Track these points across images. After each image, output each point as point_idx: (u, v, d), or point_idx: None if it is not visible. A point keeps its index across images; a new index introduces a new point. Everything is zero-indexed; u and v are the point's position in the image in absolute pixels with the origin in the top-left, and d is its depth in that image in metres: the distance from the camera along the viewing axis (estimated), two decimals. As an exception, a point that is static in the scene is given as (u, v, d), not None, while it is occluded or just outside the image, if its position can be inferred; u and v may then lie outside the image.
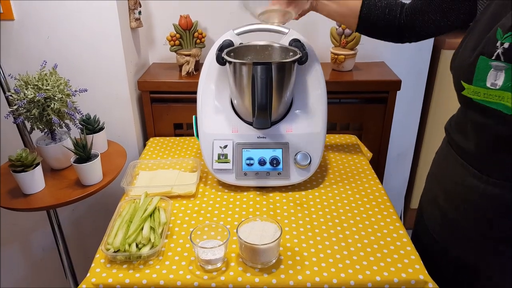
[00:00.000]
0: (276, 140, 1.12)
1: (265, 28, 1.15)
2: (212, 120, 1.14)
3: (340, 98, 1.48)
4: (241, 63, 1.04)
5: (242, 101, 1.10)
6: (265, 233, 0.87)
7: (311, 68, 1.13)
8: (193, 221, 1.01)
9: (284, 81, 1.06)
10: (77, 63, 1.35)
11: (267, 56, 1.16)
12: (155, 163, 1.24)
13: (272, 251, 0.84)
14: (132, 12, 1.39)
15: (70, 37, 1.31)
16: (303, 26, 1.55)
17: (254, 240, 0.84)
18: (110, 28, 1.30)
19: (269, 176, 1.10)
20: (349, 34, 1.46)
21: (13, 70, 1.19)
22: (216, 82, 1.15)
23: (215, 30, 1.56)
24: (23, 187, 1.06)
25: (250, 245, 0.83)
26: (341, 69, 1.51)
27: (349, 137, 1.42)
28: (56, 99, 1.07)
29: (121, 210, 1.00)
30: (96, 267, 0.86)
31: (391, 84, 1.43)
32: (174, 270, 0.85)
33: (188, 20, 1.46)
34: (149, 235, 0.89)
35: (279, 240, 0.85)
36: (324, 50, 1.53)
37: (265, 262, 0.85)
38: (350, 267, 0.85)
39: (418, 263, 0.86)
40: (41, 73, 1.09)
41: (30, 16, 1.28)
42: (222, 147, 1.12)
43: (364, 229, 0.97)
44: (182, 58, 1.48)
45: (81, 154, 1.08)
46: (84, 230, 1.63)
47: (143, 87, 1.44)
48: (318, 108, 1.13)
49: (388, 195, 1.10)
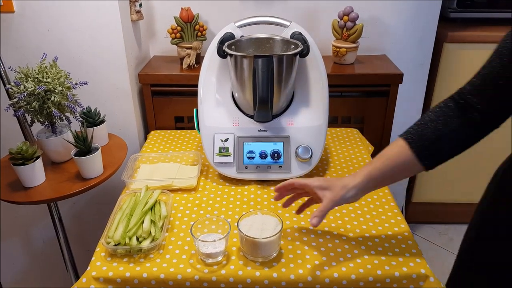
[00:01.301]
0: (277, 133, 1.11)
1: (267, 21, 1.15)
2: (213, 113, 1.14)
3: (341, 91, 1.48)
4: (242, 56, 1.03)
5: (243, 94, 1.09)
6: (266, 226, 0.87)
7: (313, 61, 1.12)
8: (194, 214, 1.00)
9: (285, 74, 1.06)
10: (78, 56, 1.34)
11: (268, 49, 1.15)
12: (156, 156, 1.24)
13: (272, 244, 0.84)
14: (133, 4, 1.38)
15: (70, 30, 1.30)
16: (304, 19, 1.54)
17: (255, 233, 0.84)
18: (111, 20, 1.29)
19: (270, 170, 1.10)
20: (351, 27, 1.45)
21: (13, 62, 1.19)
22: (217, 75, 1.15)
23: (216, 22, 1.55)
24: (23, 180, 1.06)
25: (251, 239, 0.83)
26: (342, 62, 1.50)
27: (351, 130, 1.41)
28: (57, 92, 1.06)
29: (121, 203, 0.99)
30: (96, 261, 0.86)
31: (393, 77, 1.42)
32: (174, 264, 0.85)
33: (189, 12, 1.45)
34: (149, 229, 0.89)
35: (280, 234, 0.85)
36: (326, 43, 1.52)
37: (266, 255, 0.85)
38: (351, 261, 0.85)
39: (419, 257, 0.86)
40: (41, 66, 1.08)
41: (30, 8, 1.27)
42: (223, 140, 1.11)
43: (365, 223, 0.96)
44: (183, 51, 1.47)
45: (81, 147, 1.08)
46: (84, 223, 1.63)
47: (144, 80, 1.43)
48: (320, 102, 1.13)
49: (389, 189, 1.10)
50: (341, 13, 1.46)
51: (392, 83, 1.43)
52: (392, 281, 0.82)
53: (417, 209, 1.99)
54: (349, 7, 1.44)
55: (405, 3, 1.53)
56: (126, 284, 0.83)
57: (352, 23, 1.44)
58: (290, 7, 1.52)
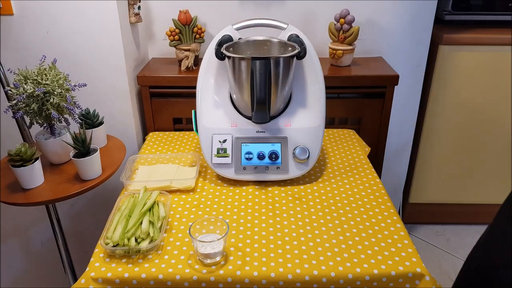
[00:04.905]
0: (275, 134, 1.13)
1: (264, 23, 1.16)
2: (212, 115, 1.14)
3: (338, 93, 1.49)
4: (240, 58, 1.04)
5: (241, 96, 1.10)
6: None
7: (310, 63, 1.13)
8: (192, 215, 1.01)
9: (282, 76, 1.07)
10: (77, 58, 1.35)
11: (266, 51, 1.16)
12: (154, 157, 1.24)
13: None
14: (132, 7, 1.39)
15: (69, 32, 1.31)
16: (301, 21, 1.56)
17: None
18: (110, 23, 1.30)
19: (268, 170, 1.11)
20: (347, 29, 1.46)
21: (12, 64, 1.19)
22: (215, 76, 1.16)
23: (214, 25, 1.56)
24: (22, 181, 1.06)
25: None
26: (339, 64, 1.51)
27: (348, 131, 1.43)
28: (56, 93, 1.07)
29: (120, 204, 1.00)
30: (95, 261, 0.87)
31: (389, 79, 1.43)
32: (173, 264, 0.86)
33: (187, 15, 1.46)
34: (148, 229, 0.90)
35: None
36: (323, 45, 1.54)
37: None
38: (348, 260, 0.86)
39: (415, 256, 0.87)
40: (40, 68, 1.09)
41: (30, 11, 1.28)
42: (221, 141, 1.12)
43: (362, 222, 0.97)
44: (181, 53, 1.48)
45: (80, 148, 1.08)
46: (83, 224, 1.64)
47: (142, 82, 1.44)
48: (317, 103, 1.14)
49: (386, 189, 1.11)
50: (337, 16, 1.47)
51: (388, 85, 1.44)
52: (388, 280, 0.83)
53: (414, 210, 2.00)
54: (345, 10, 1.45)
55: (400, 6, 1.55)
56: (125, 284, 0.84)
57: (348, 25, 1.46)
58: (287, 10, 1.53)
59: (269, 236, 0.93)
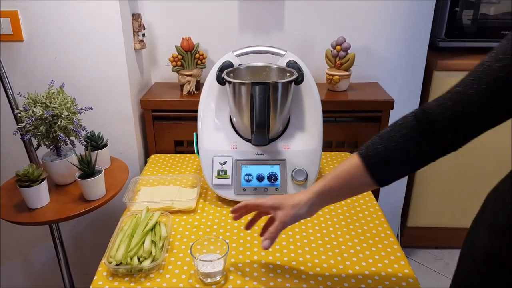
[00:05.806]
0: (274, 156, 1.16)
1: (263, 50, 1.20)
2: (212, 137, 1.18)
3: (335, 117, 1.53)
4: (240, 83, 1.08)
5: (241, 119, 1.14)
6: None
7: (307, 88, 1.18)
8: (193, 235, 1.03)
9: (281, 100, 1.11)
10: (83, 83, 1.39)
11: (265, 76, 1.21)
12: (156, 179, 1.27)
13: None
14: (136, 34, 1.44)
15: (76, 58, 1.36)
16: (299, 48, 1.61)
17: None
18: (115, 50, 1.35)
19: (267, 192, 1.13)
20: (343, 56, 1.51)
21: (21, 89, 1.23)
22: (216, 101, 1.19)
23: (215, 51, 1.62)
24: (28, 201, 1.09)
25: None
26: (336, 89, 1.56)
27: (345, 154, 1.46)
28: (63, 116, 1.10)
29: (123, 224, 1.02)
30: (98, 280, 0.89)
31: (385, 104, 1.47)
32: (174, 283, 0.87)
33: (189, 42, 1.51)
34: (150, 249, 0.92)
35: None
36: (320, 71, 1.58)
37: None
38: (345, 280, 0.88)
39: (411, 277, 0.89)
40: (49, 92, 1.13)
41: (39, 37, 1.33)
42: (222, 163, 1.15)
43: (359, 244, 0.99)
44: (183, 78, 1.53)
45: (85, 169, 1.11)
46: (84, 246, 1.64)
47: (145, 106, 1.48)
48: (314, 126, 1.17)
49: (383, 213, 1.13)
50: (334, 43, 1.53)
51: (384, 109, 1.48)
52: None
53: (413, 234, 2.00)
54: (341, 37, 1.51)
55: (395, 33, 1.60)
56: (127, 302, 0.85)
57: (344, 52, 1.51)
58: (285, 37, 1.59)
59: (268, 256, 0.95)
